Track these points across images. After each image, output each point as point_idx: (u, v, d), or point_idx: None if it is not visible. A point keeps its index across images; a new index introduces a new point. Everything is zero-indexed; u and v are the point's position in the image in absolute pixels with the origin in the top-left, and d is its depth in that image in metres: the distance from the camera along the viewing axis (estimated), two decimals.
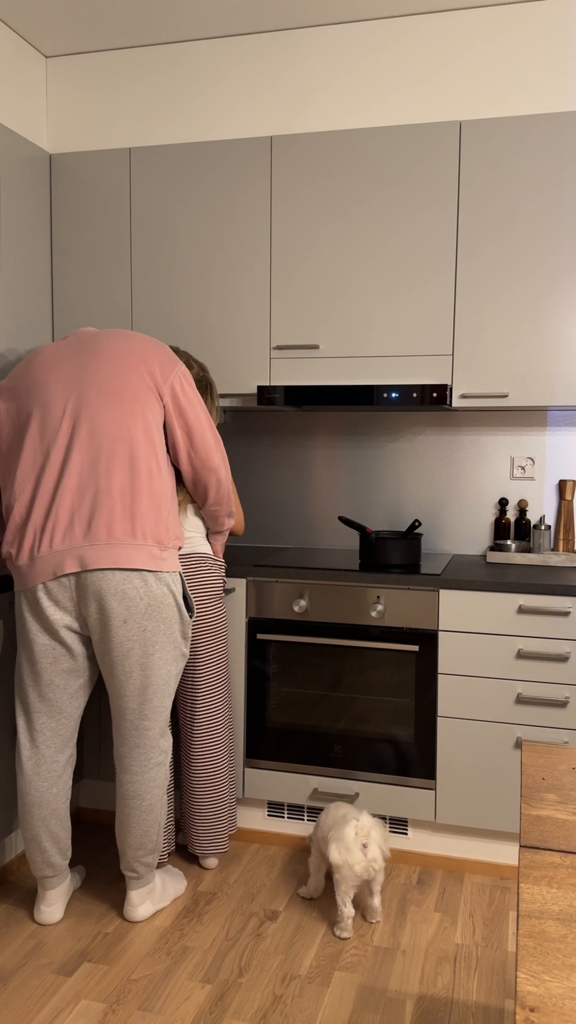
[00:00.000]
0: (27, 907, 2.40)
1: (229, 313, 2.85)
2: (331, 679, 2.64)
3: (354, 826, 2.21)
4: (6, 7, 2.81)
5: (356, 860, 2.19)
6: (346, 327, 2.76)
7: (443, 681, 2.53)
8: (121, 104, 3.10)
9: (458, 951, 2.22)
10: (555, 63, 2.71)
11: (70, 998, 2.01)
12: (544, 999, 0.82)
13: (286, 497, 3.21)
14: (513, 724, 2.49)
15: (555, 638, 2.43)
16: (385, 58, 2.85)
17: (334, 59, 2.90)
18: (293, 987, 2.06)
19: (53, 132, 3.18)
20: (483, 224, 2.62)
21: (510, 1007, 2.00)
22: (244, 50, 2.97)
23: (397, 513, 3.11)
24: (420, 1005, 2.00)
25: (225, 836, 2.57)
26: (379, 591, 2.57)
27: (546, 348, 2.60)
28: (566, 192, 2.54)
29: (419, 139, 2.65)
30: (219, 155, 2.82)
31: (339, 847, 2.20)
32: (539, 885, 1.02)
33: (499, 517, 2.98)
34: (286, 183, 2.77)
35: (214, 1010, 1.97)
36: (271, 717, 2.70)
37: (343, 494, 3.16)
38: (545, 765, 1.38)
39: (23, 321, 2.84)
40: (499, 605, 2.47)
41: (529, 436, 2.95)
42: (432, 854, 2.63)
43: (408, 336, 2.71)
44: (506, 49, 2.75)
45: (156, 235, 2.90)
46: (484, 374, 2.66)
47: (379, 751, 2.61)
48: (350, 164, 2.71)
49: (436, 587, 2.51)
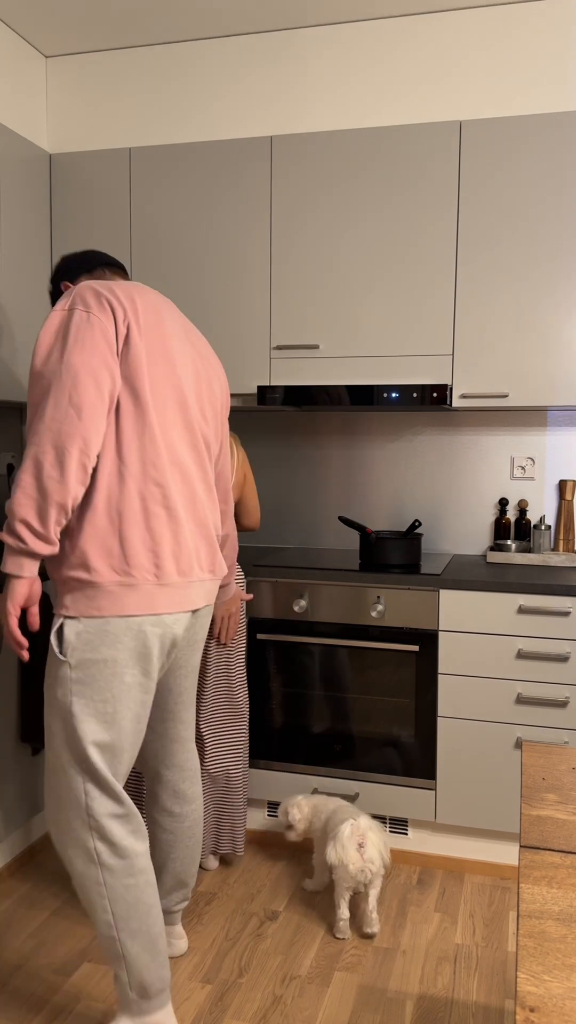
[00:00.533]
0: (39, 895, 2.40)
1: (229, 313, 2.85)
2: (331, 679, 2.64)
3: (350, 825, 2.21)
4: (6, 7, 2.81)
5: (351, 859, 2.19)
6: (346, 327, 2.76)
7: (443, 681, 2.53)
8: (121, 104, 3.10)
9: (458, 951, 2.22)
10: (555, 63, 2.71)
11: (70, 998, 2.01)
12: (544, 999, 0.82)
13: (286, 497, 3.21)
14: (513, 724, 2.49)
15: (555, 638, 2.43)
16: (385, 58, 2.85)
17: (334, 59, 2.90)
18: (293, 987, 2.06)
19: (53, 132, 3.18)
20: (483, 224, 2.62)
21: (510, 1007, 2.00)
22: (244, 50, 2.97)
23: (397, 513, 3.11)
24: (420, 1005, 2.00)
25: (242, 836, 2.56)
26: (379, 591, 2.57)
27: (546, 348, 2.60)
28: (566, 192, 2.54)
29: (419, 139, 2.64)
30: (219, 155, 2.82)
31: (335, 846, 2.20)
32: (539, 885, 1.02)
33: (499, 517, 2.98)
34: (286, 183, 2.77)
35: (214, 1010, 1.97)
36: (271, 717, 2.70)
37: (343, 494, 3.16)
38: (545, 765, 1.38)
39: (23, 321, 2.83)
40: (499, 605, 2.47)
41: (529, 436, 2.95)
42: (432, 854, 2.63)
43: (408, 336, 2.71)
44: (506, 49, 2.75)
45: (156, 235, 2.90)
46: (484, 374, 2.66)
47: (379, 751, 2.61)
48: (350, 164, 2.71)
49: (436, 587, 2.51)
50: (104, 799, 1.72)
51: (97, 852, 1.71)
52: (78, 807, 1.71)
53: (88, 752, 1.70)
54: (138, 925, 1.73)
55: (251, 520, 2.64)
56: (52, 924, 2.32)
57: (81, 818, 1.71)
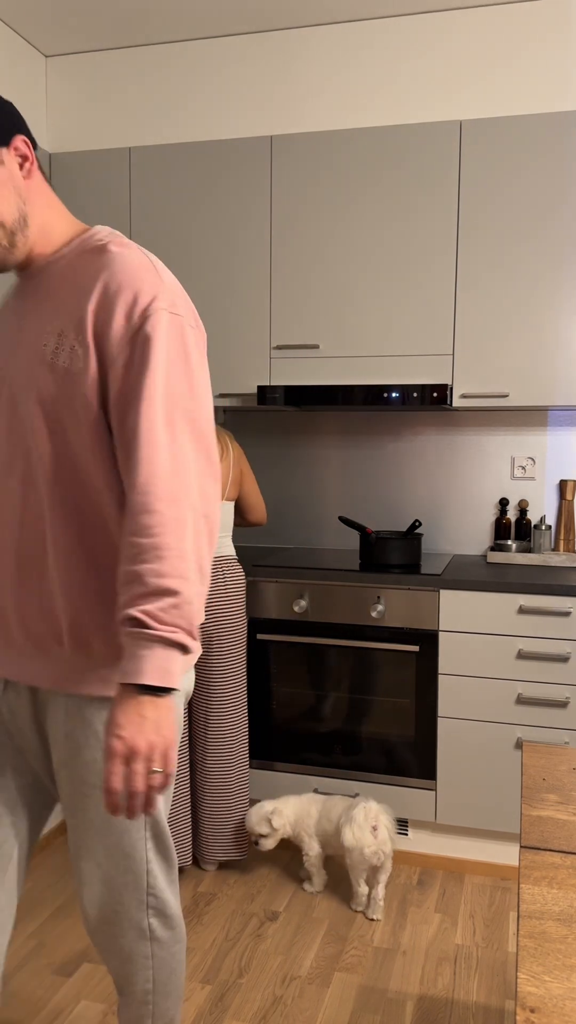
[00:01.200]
0: (39, 895, 2.40)
1: (229, 313, 2.85)
2: (331, 679, 2.64)
3: (363, 809, 2.31)
4: (6, 7, 2.80)
5: (367, 842, 2.29)
6: (346, 327, 2.76)
7: (443, 681, 2.53)
8: (121, 104, 3.10)
9: (458, 951, 2.21)
10: (555, 63, 2.71)
11: (70, 998, 2.01)
12: (544, 999, 0.81)
13: (286, 497, 3.21)
14: (513, 724, 2.48)
15: (555, 638, 2.43)
16: (385, 58, 2.85)
17: (334, 58, 2.90)
18: (293, 988, 2.06)
19: (53, 132, 3.18)
20: (483, 223, 2.62)
21: (510, 1008, 2.00)
22: (244, 50, 2.97)
23: (397, 513, 3.11)
24: (420, 1006, 2.00)
25: (245, 838, 2.56)
26: (379, 591, 2.56)
27: (546, 348, 2.60)
28: (566, 192, 2.54)
29: (419, 139, 2.64)
30: (219, 155, 2.82)
31: (351, 829, 2.29)
32: (539, 886, 1.01)
33: (499, 517, 2.97)
34: (286, 183, 2.77)
35: (214, 1011, 1.97)
36: (271, 717, 2.69)
37: (343, 494, 3.16)
38: (545, 765, 1.38)
39: None
40: (499, 605, 2.46)
41: (530, 436, 2.95)
42: (432, 854, 2.63)
43: (408, 336, 2.71)
44: (506, 49, 2.75)
45: (156, 235, 2.90)
46: (484, 374, 2.65)
47: (379, 751, 2.60)
48: (350, 164, 2.71)
49: (436, 587, 2.51)
50: (166, 867, 1.41)
51: (151, 929, 1.42)
52: (137, 886, 1.38)
53: (160, 816, 1.39)
54: (174, 987, 1.50)
55: (256, 516, 2.63)
56: (52, 924, 2.31)
57: (139, 897, 1.38)
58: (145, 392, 1.16)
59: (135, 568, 1.13)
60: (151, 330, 1.18)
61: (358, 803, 2.35)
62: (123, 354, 1.18)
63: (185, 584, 1.14)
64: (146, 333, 1.18)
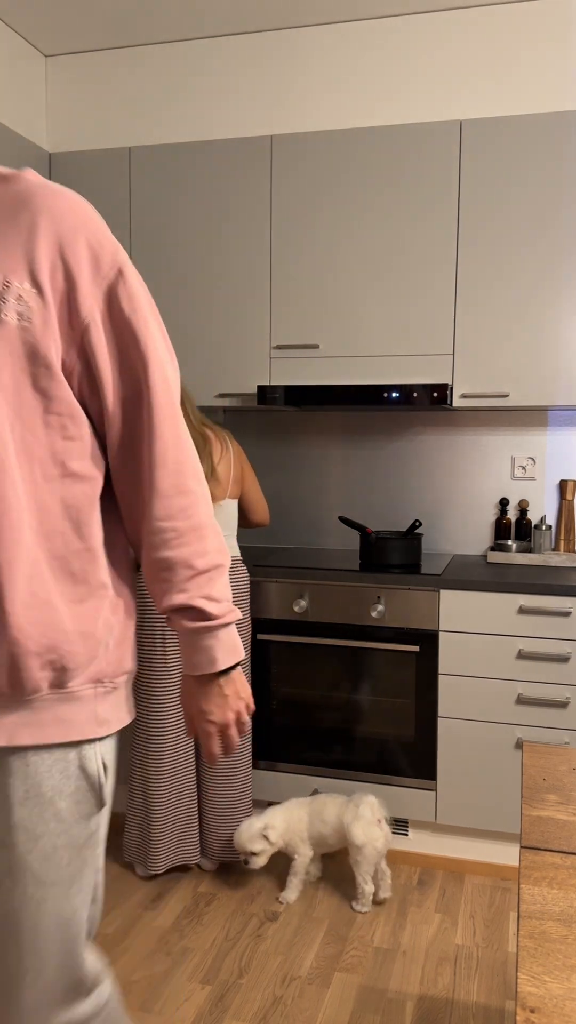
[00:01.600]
0: None
1: (229, 312, 2.85)
2: (331, 679, 2.63)
3: (368, 805, 2.35)
4: (6, 7, 2.80)
5: (377, 836, 2.33)
6: (346, 327, 2.76)
7: (443, 681, 2.53)
8: (121, 103, 3.10)
9: (458, 952, 2.21)
10: (555, 63, 2.71)
11: None
12: (544, 1000, 0.81)
13: (286, 497, 3.21)
14: (513, 724, 2.48)
15: (556, 638, 2.43)
16: (385, 58, 2.85)
17: (334, 58, 2.89)
18: (293, 988, 2.06)
19: (53, 131, 3.18)
20: (483, 223, 2.62)
21: (510, 1008, 2.00)
22: (244, 50, 2.97)
23: (397, 513, 3.11)
24: (420, 1006, 2.00)
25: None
26: (379, 591, 2.56)
27: (546, 348, 2.60)
28: (566, 192, 2.54)
29: (419, 138, 2.64)
30: (219, 155, 2.82)
31: (360, 826, 2.32)
32: (540, 886, 1.01)
33: (500, 517, 2.97)
34: (286, 183, 2.77)
35: (214, 1011, 1.97)
36: (271, 717, 2.69)
37: (343, 494, 3.15)
38: (545, 766, 1.38)
39: None
40: (500, 605, 2.46)
41: (530, 436, 2.95)
42: (432, 855, 2.63)
43: (408, 336, 2.71)
44: (506, 49, 2.75)
45: (156, 234, 2.90)
46: (484, 374, 2.65)
47: (379, 751, 2.60)
48: (350, 163, 2.71)
49: (436, 587, 2.51)
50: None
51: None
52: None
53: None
54: None
55: (258, 516, 2.63)
56: None
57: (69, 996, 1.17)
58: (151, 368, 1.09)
59: (178, 554, 1.11)
60: (132, 291, 1.08)
61: (359, 800, 2.36)
62: (98, 308, 1.07)
63: (225, 555, 1.16)
64: (129, 291, 1.08)
